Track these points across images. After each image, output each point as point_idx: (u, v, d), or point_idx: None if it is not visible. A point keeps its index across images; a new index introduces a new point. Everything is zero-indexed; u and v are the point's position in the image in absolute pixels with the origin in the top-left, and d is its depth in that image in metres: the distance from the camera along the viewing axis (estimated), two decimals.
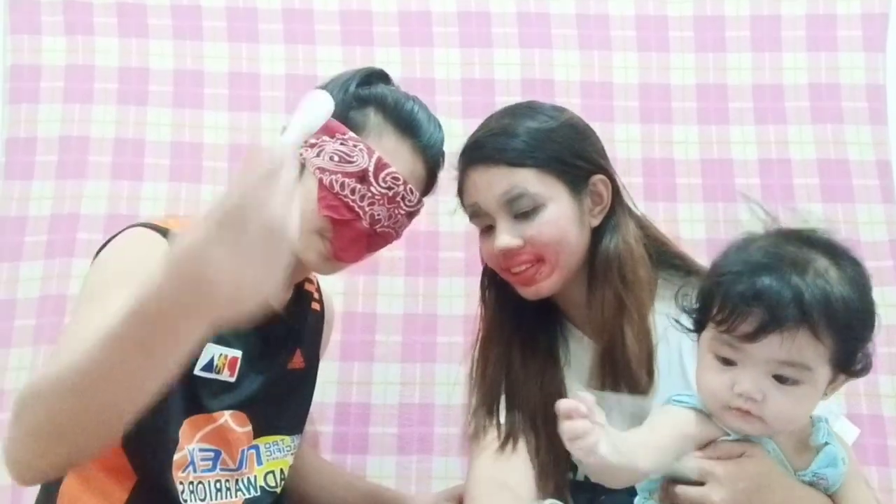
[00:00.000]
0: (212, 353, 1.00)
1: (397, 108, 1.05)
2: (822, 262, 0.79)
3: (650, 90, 1.57)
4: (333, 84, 1.07)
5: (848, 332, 0.78)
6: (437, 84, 1.56)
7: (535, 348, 1.09)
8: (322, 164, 1.02)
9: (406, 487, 1.40)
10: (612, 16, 1.59)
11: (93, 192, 1.49)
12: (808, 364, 0.77)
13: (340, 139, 1.02)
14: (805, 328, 0.76)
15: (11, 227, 1.47)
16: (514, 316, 1.10)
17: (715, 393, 0.81)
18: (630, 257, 1.04)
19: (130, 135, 1.52)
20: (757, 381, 0.78)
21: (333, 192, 1.01)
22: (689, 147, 1.54)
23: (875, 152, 1.53)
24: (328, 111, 0.84)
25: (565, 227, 1.02)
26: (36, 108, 1.52)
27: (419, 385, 1.43)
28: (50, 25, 1.55)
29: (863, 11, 1.58)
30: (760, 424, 0.80)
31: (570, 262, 1.04)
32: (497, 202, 1.03)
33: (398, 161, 1.03)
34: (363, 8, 1.59)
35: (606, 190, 1.06)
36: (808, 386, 0.78)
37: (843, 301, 0.77)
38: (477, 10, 1.59)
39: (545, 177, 1.02)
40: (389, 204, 1.03)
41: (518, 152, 1.02)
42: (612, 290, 1.03)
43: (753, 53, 1.58)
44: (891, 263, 1.49)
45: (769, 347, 0.77)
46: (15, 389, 1.02)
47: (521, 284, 1.05)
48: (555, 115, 1.07)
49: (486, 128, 1.08)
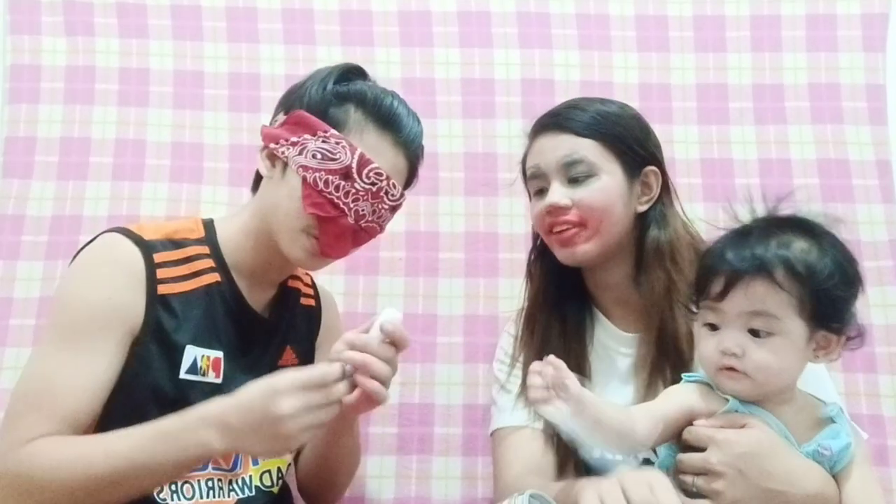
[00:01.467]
0: (193, 355, 1.01)
1: (377, 103, 1.06)
2: (788, 235, 0.88)
3: (650, 90, 1.57)
4: (312, 81, 1.07)
5: (813, 282, 0.85)
6: (437, 84, 1.57)
7: (566, 325, 1.16)
8: (305, 162, 1.02)
9: (406, 487, 1.40)
10: (612, 16, 1.59)
11: (94, 193, 1.50)
12: (773, 313, 0.86)
13: (322, 137, 1.02)
14: (763, 276, 0.86)
15: (9, 226, 1.47)
16: (557, 289, 1.18)
17: (707, 357, 0.91)
18: (680, 246, 1.11)
19: (131, 135, 1.53)
20: (735, 337, 0.88)
21: (318, 190, 1.01)
22: (689, 147, 1.54)
23: (875, 152, 1.53)
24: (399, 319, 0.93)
25: (613, 199, 1.09)
26: (36, 109, 1.53)
27: (419, 385, 1.43)
28: (50, 26, 1.55)
29: (863, 11, 1.58)
30: (748, 381, 0.88)
31: (610, 233, 1.10)
32: (557, 164, 1.10)
33: (380, 156, 1.04)
34: (363, 8, 1.59)
35: (656, 182, 1.14)
36: (781, 337, 0.86)
37: (804, 255, 0.86)
38: (477, 10, 1.59)
39: (604, 151, 1.10)
40: (373, 199, 1.04)
41: (584, 124, 1.11)
42: (663, 271, 1.09)
43: (753, 53, 1.58)
44: (891, 263, 1.49)
45: (737, 301, 0.87)
46: (9, 389, 1.01)
47: (560, 245, 1.12)
48: (623, 106, 1.17)
49: (562, 105, 1.18)
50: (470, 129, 1.55)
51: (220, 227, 1.10)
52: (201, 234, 1.08)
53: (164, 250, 1.02)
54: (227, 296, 1.06)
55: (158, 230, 1.04)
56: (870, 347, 1.44)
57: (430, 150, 1.53)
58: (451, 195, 1.52)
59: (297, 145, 1.03)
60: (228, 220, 1.12)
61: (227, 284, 1.07)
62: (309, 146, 1.02)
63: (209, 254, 1.06)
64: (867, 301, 1.46)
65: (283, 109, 1.09)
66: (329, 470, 1.18)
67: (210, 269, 1.06)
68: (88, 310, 0.96)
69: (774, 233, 0.89)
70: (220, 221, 1.12)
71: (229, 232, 1.09)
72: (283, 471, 1.12)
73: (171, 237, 1.04)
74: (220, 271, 1.07)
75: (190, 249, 1.05)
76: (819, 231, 0.90)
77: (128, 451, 0.88)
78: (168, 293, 1.00)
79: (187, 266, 1.04)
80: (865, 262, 1.48)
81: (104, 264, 0.99)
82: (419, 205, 1.51)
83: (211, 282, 1.05)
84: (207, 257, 1.06)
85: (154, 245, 1.01)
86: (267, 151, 1.07)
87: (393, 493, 1.41)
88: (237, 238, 1.09)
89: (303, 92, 1.07)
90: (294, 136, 1.04)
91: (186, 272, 1.03)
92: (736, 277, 0.87)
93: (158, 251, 1.01)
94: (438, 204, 1.53)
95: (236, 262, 1.08)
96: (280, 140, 1.05)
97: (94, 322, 0.95)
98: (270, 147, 1.06)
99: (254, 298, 1.10)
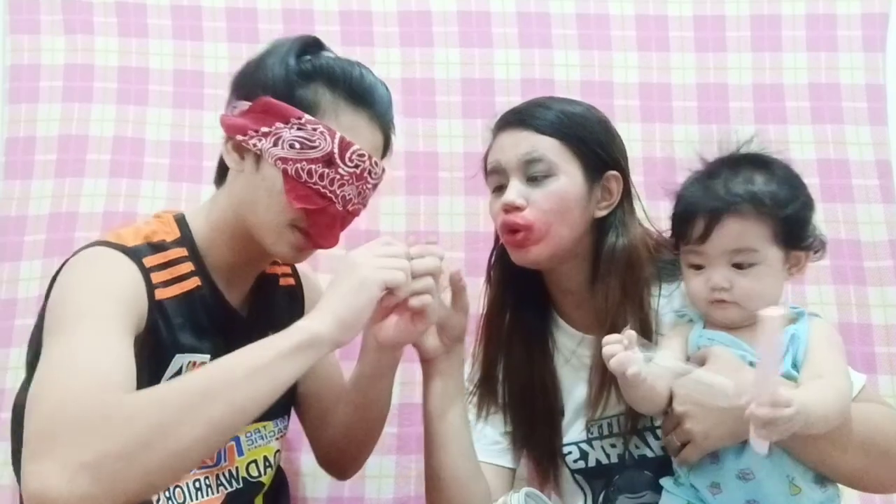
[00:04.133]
0: (180, 363, 0.97)
1: (346, 78, 1.00)
2: (747, 170, 0.98)
3: (650, 90, 1.57)
4: (271, 61, 1.00)
5: (779, 211, 0.95)
6: (437, 84, 1.56)
7: (529, 330, 1.15)
8: (283, 153, 0.96)
9: (406, 487, 1.40)
10: (612, 16, 1.59)
11: (91, 190, 1.49)
12: (753, 246, 0.95)
13: (297, 124, 0.96)
14: (737, 215, 0.95)
15: (12, 227, 1.47)
16: (516, 293, 1.16)
17: (697, 294, 1.00)
18: (636, 254, 1.09)
19: (130, 134, 1.52)
20: (721, 272, 0.96)
21: (301, 182, 0.96)
22: (689, 146, 1.52)
23: (875, 152, 1.53)
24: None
25: (569, 202, 1.07)
26: (35, 108, 1.52)
27: (419, 385, 1.40)
28: (49, 25, 1.55)
29: (863, 11, 1.58)
30: (737, 309, 0.97)
31: (562, 236, 1.07)
32: (517, 161, 1.08)
33: (359, 136, 0.99)
34: (363, 8, 1.59)
35: (618, 187, 1.11)
36: (763, 266, 0.96)
37: (766, 186, 0.96)
38: (477, 10, 1.59)
39: (565, 151, 1.08)
40: (358, 181, 1.00)
41: (548, 122, 1.09)
42: (617, 279, 1.07)
43: (753, 53, 1.58)
44: (891, 263, 1.48)
45: (717, 241, 0.96)
46: (14, 388, 1.01)
47: (513, 247, 1.10)
48: (590, 108, 1.14)
49: (527, 102, 1.16)
50: (470, 129, 1.55)
51: (193, 224, 1.04)
52: (177, 234, 1.02)
53: (149, 255, 0.97)
54: (208, 300, 1.02)
55: (137, 234, 0.98)
56: (870, 347, 1.44)
57: (431, 150, 1.55)
58: (451, 195, 1.52)
59: (269, 136, 0.97)
60: (200, 216, 1.06)
61: (207, 288, 1.02)
62: (284, 136, 0.96)
63: (188, 256, 1.01)
64: (867, 301, 1.47)
65: (243, 95, 1.01)
66: (364, 420, 1.14)
67: (191, 273, 1.00)
68: (104, 293, 0.89)
69: (736, 172, 0.98)
70: (193, 218, 1.05)
71: (203, 230, 1.04)
72: (270, 460, 1.09)
73: (150, 240, 0.98)
74: (200, 275, 1.01)
75: (171, 253, 0.99)
76: (771, 162, 1.00)
77: (219, 363, 0.84)
78: (162, 298, 0.96)
79: (169, 271, 0.98)
80: (865, 262, 1.49)
81: (103, 265, 0.94)
82: (419, 205, 1.51)
83: (192, 287, 1.00)
84: (187, 260, 1.01)
85: (140, 250, 0.96)
86: (233, 143, 1.01)
87: (393, 493, 1.41)
88: (211, 236, 1.03)
89: (263, 74, 1.00)
90: (264, 125, 0.97)
91: (168, 277, 0.98)
92: (713, 222, 0.96)
93: (145, 256, 0.96)
94: (438, 204, 1.52)
95: (214, 262, 1.03)
96: (248, 131, 0.98)
97: (111, 305, 0.88)
98: (237, 139, 0.99)
99: (233, 296, 1.06)
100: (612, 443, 1.10)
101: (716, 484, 0.95)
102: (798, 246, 0.98)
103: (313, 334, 0.87)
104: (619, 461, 1.09)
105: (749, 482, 0.93)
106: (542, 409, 1.13)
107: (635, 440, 1.08)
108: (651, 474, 1.06)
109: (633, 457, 1.08)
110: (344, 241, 1.49)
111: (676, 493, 0.99)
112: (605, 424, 1.10)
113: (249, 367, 0.82)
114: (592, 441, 1.11)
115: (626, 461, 1.09)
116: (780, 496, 0.92)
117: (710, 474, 0.96)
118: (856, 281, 1.48)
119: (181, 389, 0.81)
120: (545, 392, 1.13)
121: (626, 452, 1.09)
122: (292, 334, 0.86)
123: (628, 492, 1.08)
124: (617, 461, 1.10)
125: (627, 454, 1.09)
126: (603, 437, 1.11)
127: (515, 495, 0.92)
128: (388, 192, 1.52)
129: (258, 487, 1.07)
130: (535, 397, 1.13)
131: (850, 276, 1.47)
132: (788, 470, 0.92)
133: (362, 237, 1.49)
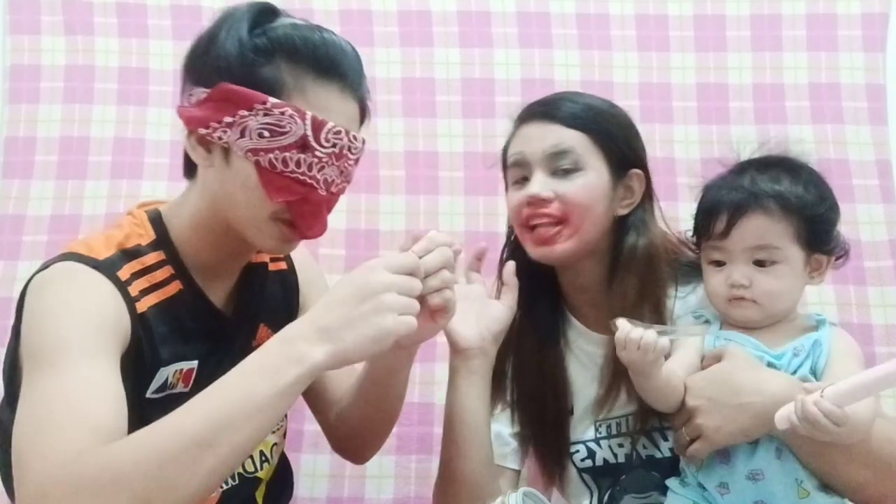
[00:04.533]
0: (166, 375, 0.92)
1: (308, 48, 0.89)
2: (775, 171, 0.98)
3: (650, 90, 1.57)
4: (223, 38, 0.89)
5: (804, 211, 0.95)
6: (437, 84, 1.57)
7: (541, 327, 1.14)
8: (252, 144, 0.87)
9: (405, 487, 1.40)
10: (612, 15, 1.59)
11: (93, 192, 1.50)
12: (774, 244, 0.95)
13: (262, 110, 0.86)
14: (761, 212, 0.95)
15: (10, 226, 1.47)
16: (529, 290, 1.13)
17: (716, 291, 0.99)
18: (656, 255, 1.08)
19: (130, 135, 1.53)
20: (742, 269, 0.96)
21: (277, 173, 0.88)
22: (689, 146, 1.54)
23: (875, 152, 1.53)
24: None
25: (596, 197, 1.06)
26: (36, 108, 1.53)
27: (419, 385, 1.42)
28: (50, 25, 1.55)
29: (863, 11, 1.58)
30: (756, 308, 0.97)
31: (589, 233, 1.06)
32: (542, 153, 1.06)
33: (332, 112, 0.90)
34: (363, 8, 1.59)
35: (640, 186, 1.10)
36: (783, 265, 0.96)
37: (793, 187, 0.96)
38: (477, 10, 1.59)
39: (593, 146, 1.06)
40: (338, 160, 0.91)
41: (576, 117, 1.07)
42: (636, 278, 1.06)
43: (753, 53, 1.58)
44: (891, 263, 1.49)
45: (739, 237, 0.96)
46: None
47: (537, 243, 1.07)
48: (616, 106, 1.13)
49: (552, 95, 1.14)
50: (470, 128, 1.55)
51: (170, 222, 0.96)
52: (152, 236, 0.94)
53: (125, 263, 0.90)
54: (192, 304, 0.95)
55: (109, 243, 0.91)
56: (870, 347, 1.44)
57: (430, 150, 1.55)
58: (451, 195, 1.52)
59: (234, 126, 0.87)
60: (175, 212, 0.97)
61: (189, 291, 0.95)
62: (250, 124, 0.87)
63: (166, 260, 0.94)
64: (867, 301, 1.47)
65: (198, 80, 0.91)
66: (379, 411, 1.09)
67: (171, 278, 0.94)
68: (84, 321, 0.82)
69: (764, 172, 0.98)
70: (169, 214, 0.97)
71: (180, 228, 0.96)
72: (266, 454, 1.05)
73: (124, 247, 0.91)
74: (182, 278, 0.94)
75: (147, 258, 0.92)
76: (800, 166, 1.00)
77: (214, 401, 0.75)
78: (144, 310, 0.89)
79: (147, 278, 0.91)
80: (865, 262, 1.49)
81: (77, 287, 0.86)
82: (419, 204, 1.51)
83: (175, 292, 0.93)
84: (165, 264, 0.93)
85: (113, 262, 0.89)
86: (196, 137, 0.91)
87: (392, 493, 1.41)
88: (188, 234, 0.95)
89: (216, 55, 0.89)
90: (226, 115, 0.87)
91: (147, 285, 0.91)
92: (736, 216, 0.96)
93: (120, 267, 0.89)
94: (438, 203, 1.53)
95: (194, 261, 0.96)
96: (210, 123, 0.88)
97: (94, 335, 0.82)
98: (200, 132, 0.89)
99: (217, 294, 0.99)
100: (620, 442, 1.09)
101: (724, 484, 0.94)
102: (821, 249, 0.98)
103: (312, 366, 0.77)
104: (627, 461, 1.09)
105: (758, 483, 0.92)
106: (552, 407, 1.12)
107: (644, 440, 1.08)
108: (658, 475, 1.06)
109: (641, 457, 1.08)
110: (344, 240, 1.51)
111: (682, 494, 0.99)
112: (613, 424, 1.10)
113: (248, 407, 0.74)
114: (601, 440, 1.10)
115: (634, 461, 1.08)
116: (788, 498, 0.92)
117: (720, 474, 0.95)
118: (856, 281, 1.48)
119: (179, 436, 0.73)
120: (555, 390, 1.12)
121: (633, 452, 1.08)
122: (290, 365, 0.76)
123: (635, 492, 1.07)
124: (624, 461, 1.09)
125: (635, 454, 1.08)
126: (611, 437, 1.10)
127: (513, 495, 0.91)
128: (388, 191, 1.53)
129: (255, 483, 1.04)
130: (545, 395, 1.12)
131: (850, 276, 1.47)
132: (798, 473, 0.92)
133: (362, 236, 1.51)
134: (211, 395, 0.76)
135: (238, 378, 0.76)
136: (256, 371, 0.76)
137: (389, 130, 1.54)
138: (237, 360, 0.80)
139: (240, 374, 0.77)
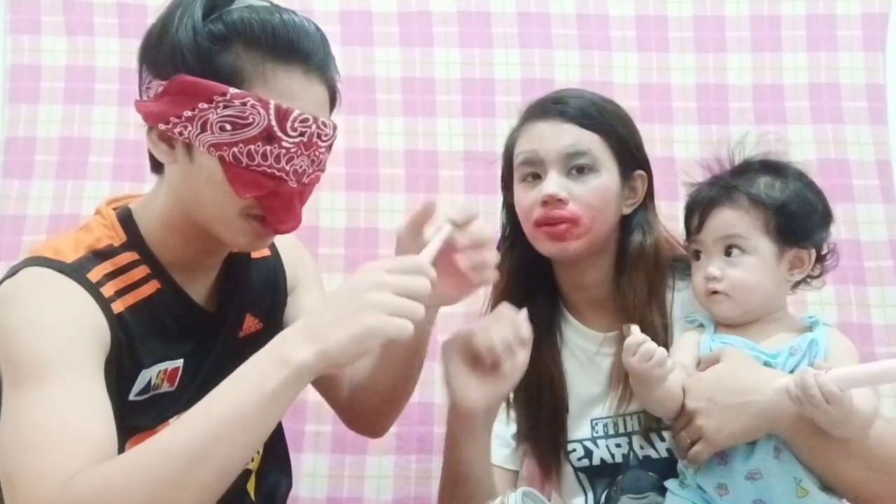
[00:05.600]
0: (149, 376, 0.89)
1: (267, 31, 0.84)
2: (755, 172, 1.02)
3: (650, 90, 1.57)
4: (176, 25, 0.84)
5: (773, 205, 0.98)
6: (437, 84, 1.57)
7: (538, 323, 1.10)
8: (213, 139, 0.83)
9: (405, 487, 1.40)
10: (612, 16, 1.59)
11: (93, 192, 1.49)
12: (741, 234, 0.98)
13: (222, 101, 0.82)
14: (729, 204, 0.99)
15: (10, 226, 1.47)
16: (525, 287, 1.14)
17: (697, 287, 1.03)
18: (661, 253, 1.11)
19: (131, 136, 1.52)
20: (716, 262, 1.00)
21: (243, 167, 0.83)
22: (689, 146, 1.54)
23: (875, 152, 1.53)
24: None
25: (609, 198, 1.08)
26: (36, 108, 1.53)
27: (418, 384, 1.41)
28: (50, 25, 1.55)
29: (863, 11, 1.58)
30: (730, 302, 0.99)
31: (600, 233, 1.08)
32: (558, 153, 1.07)
33: (296, 98, 0.85)
34: (363, 8, 1.59)
35: (643, 186, 1.12)
36: (752, 256, 0.98)
37: (766, 185, 0.99)
38: (477, 10, 1.59)
39: (607, 148, 1.09)
40: (307, 149, 0.86)
41: (592, 118, 1.09)
42: (645, 276, 1.09)
43: (753, 53, 1.58)
44: (891, 263, 1.49)
45: (711, 230, 1.00)
46: None
47: (551, 239, 1.07)
48: (624, 109, 1.15)
49: (562, 92, 1.15)
50: (470, 128, 1.55)
51: (141, 221, 0.93)
52: (123, 237, 0.91)
53: (96, 265, 0.87)
54: (171, 302, 0.92)
55: (78, 245, 0.88)
56: (870, 347, 1.44)
57: (430, 149, 1.55)
58: (451, 194, 1.52)
59: (194, 120, 0.82)
60: (145, 210, 0.94)
61: (169, 289, 0.92)
62: (210, 118, 0.82)
63: (140, 260, 0.90)
64: (867, 301, 1.47)
65: (154, 72, 0.86)
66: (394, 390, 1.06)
67: (148, 277, 0.90)
68: (62, 333, 0.80)
69: (743, 171, 1.03)
70: (140, 213, 0.93)
71: (151, 227, 0.92)
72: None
73: (94, 249, 0.88)
74: (159, 277, 0.91)
75: (120, 259, 0.89)
76: (784, 168, 1.03)
77: (203, 415, 0.73)
78: (121, 311, 0.86)
79: (122, 279, 0.88)
80: (865, 262, 1.49)
81: (48, 297, 0.83)
82: (419, 203, 1.50)
83: (152, 291, 0.90)
84: (140, 264, 0.90)
85: (82, 265, 0.86)
86: (157, 133, 0.87)
87: (392, 493, 1.41)
88: (161, 233, 0.92)
89: (171, 45, 0.84)
90: (185, 108, 0.83)
91: (122, 286, 0.88)
92: (707, 210, 1.01)
93: (90, 269, 0.86)
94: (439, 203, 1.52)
95: (170, 259, 0.92)
96: (169, 118, 0.84)
97: (73, 347, 0.80)
98: (160, 128, 0.85)
99: (198, 290, 0.96)
100: (617, 442, 1.09)
101: (723, 485, 0.95)
102: (796, 243, 0.99)
103: (299, 367, 0.74)
104: (624, 461, 1.09)
105: (757, 483, 0.92)
106: (548, 404, 1.12)
107: (641, 440, 1.08)
108: (656, 475, 1.06)
109: (638, 457, 1.08)
110: (343, 239, 1.51)
111: (681, 495, 0.99)
112: (611, 423, 1.10)
113: (236, 418, 0.73)
114: (598, 439, 1.10)
115: (631, 461, 1.08)
116: (787, 498, 0.92)
117: (718, 475, 0.95)
118: (856, 281, 1.48)
119: (171, 454, 0.72)
120: (552, 386, 1.12)
121: (630, 452, 1.08)
122: (276, 369, 0.73)
123: (632, 492, 1.07)
124: (621, 461, 1.09)
125: (632, 454, 1.08)
126: (609, 436, 1.10)
127: (513, 495, 0.91)
128: (387, 189, 1.53)
129: (244, 475, 1.00)
130: (542, 391, 1.12)
131: (850, 276, 1.47)
132: (796, 472, 0.92)
133: (361, 235, 1.50)
134: (200, 409, 0.74)
135: (226, 388, 0.75)
136: (243, 380, 0.74)
137: (389, 129, 1.55)
138: (223, 354, 0.79)
139: (228, 384, 0.75)
